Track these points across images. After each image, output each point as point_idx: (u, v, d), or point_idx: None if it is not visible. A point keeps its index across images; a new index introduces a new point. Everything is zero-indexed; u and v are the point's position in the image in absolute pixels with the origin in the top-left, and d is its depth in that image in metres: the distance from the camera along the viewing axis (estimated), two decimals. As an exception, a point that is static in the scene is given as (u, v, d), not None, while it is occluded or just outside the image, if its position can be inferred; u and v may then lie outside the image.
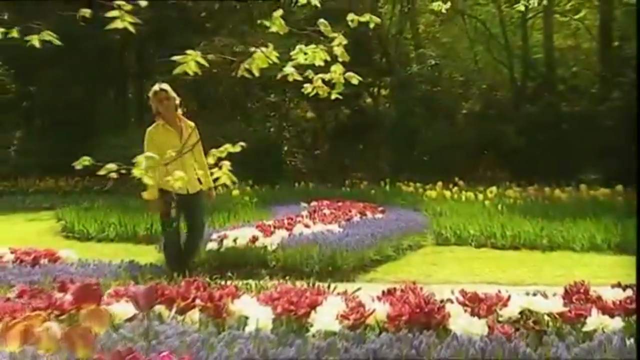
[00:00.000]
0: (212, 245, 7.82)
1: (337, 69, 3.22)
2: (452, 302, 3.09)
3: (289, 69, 3.16)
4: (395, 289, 3.33)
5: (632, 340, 2.57)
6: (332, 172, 20.15)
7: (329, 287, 4.11)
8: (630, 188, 12.09)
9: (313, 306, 3.03)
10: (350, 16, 3.31)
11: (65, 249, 6.62)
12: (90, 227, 10.98)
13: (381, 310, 2.96)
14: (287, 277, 6.52)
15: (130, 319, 3.07)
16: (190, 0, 19.25)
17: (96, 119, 20.93)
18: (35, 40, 3.36)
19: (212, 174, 3.53)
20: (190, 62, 3.18)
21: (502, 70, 21.33)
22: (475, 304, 3.03)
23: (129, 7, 3.02)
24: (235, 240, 7.86)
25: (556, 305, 2.88)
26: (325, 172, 20.38)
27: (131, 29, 3.02)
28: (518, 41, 21.69)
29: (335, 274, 7.18)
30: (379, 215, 10.20)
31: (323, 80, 3.53)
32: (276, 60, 3.20)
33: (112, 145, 17.89)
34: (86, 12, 3.30)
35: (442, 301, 3.08)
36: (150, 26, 20.22)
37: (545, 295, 3.34)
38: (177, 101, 6.82)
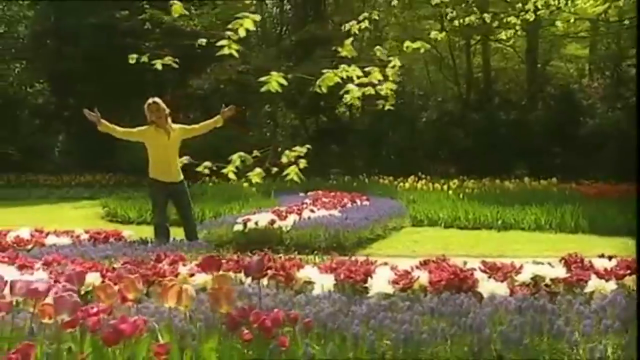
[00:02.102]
0: (238, 227, 7.82)
1: (388, 86, 3.27)
2: (474, 270, 3.16)
3: (352, 86, 3.21)
4: (428, 260, 3.40)
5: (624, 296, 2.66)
6: (316, 169, 20.18)
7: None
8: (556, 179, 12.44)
9: (368, 274, 3.08)
10: (407, 43, 3.37)
11: (126, 230, 6.57)
12: (131, 212, 10.92)
13: (422, 277, 3.03)
14: (300, 253, 6.60)
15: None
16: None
17: (123, 125, 20.69)
18: (158, 64, 3.36)
19: (284, 170, 3.60)
20: (273, 81, 3.23)
21: (451, 87, 21.54)
22: (494, 271, 3.11)
23: (236, 37, 3.04)
24: (256, 223, 7.87)
25: (560, 272, 2.98)
26: (311, 169, 20.43)
27: (236, 54, 3.05)
28: (463, 63, 21.90)
29: (339, 250, 7.25)
30: (366, 203, 10.27)
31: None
32: (338, 79, 3.27)
33: (137, 146, 17.76)
34: (202, 41, 3.31)
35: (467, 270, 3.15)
36: (167, 50, 20.17)
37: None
38: (167, 112, 7.03)
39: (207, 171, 3.42)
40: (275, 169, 3.80)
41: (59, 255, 3.73)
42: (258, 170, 3.41)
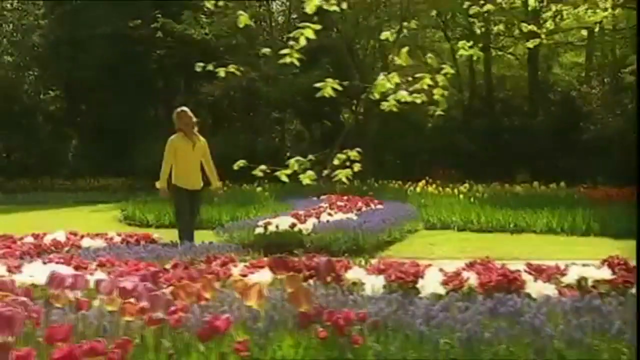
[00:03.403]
0: (259, 230, 7.86)
1: (438, 92, 3.32)
2: (520, 272, 3.20)
3: (403, 92, 3.25)
4: (474, 262, 3.43)
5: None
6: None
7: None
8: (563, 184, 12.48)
9: (418, 275, 3.12)
10: (461, 52, 3.42)
11: (155, 233, 6.60)
12: (149, 216, 10.95)
13: (471, 278, 3.06)
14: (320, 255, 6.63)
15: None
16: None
17: (134, 131, 20.77)
18: (221, 72, 3.40)
19: (335, 171, 3.64)
20: (328, 87, 3.28)
21: (455, 93, 21.59)
22: (539, 273, 3.15)
23: (299, 46, 3.09)
24: (277, 226, 7.90)
25: (605, 273, 3.01)
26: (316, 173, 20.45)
27: (297, 62, 3.10)
28: (465, 70, 21.97)
29: (358, 252, 7.28)
30: (379, 206, 10.29)
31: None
32: (390, 86, 3.32)
33: (148, 151, 17.80)
34: (266, 50, 3.35)
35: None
36: (178, 58, 20.22)
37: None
38: (195, 120, 7.10)
39: (261, 174, 3.46)
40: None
41: (111, 257, 3.76)
42: (310, 172, 3.45)
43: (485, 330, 2.41)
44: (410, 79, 3.38)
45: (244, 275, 3.23)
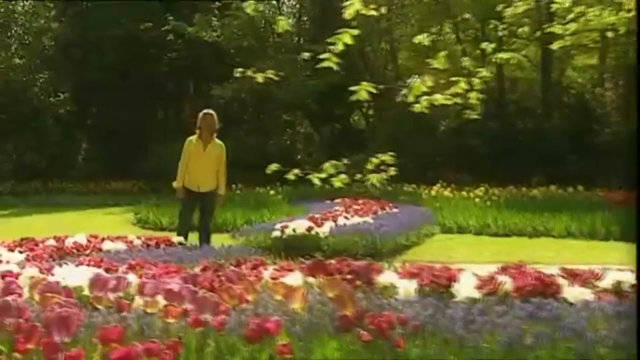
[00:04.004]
0: (276, 234, 7.89)
1: (474, 95, 3.34)
2: (554, 276, 3.20)
3: (438, 96, 3.28)
4: (507, 266, 3.44)
5: None
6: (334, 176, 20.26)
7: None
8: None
9: (452, 279, 3.13)
10: (499, 55, 3.44)
11: (177, 237, 6.64)
12: (163, 218, 11.01)
13: (506, 283, 3.07)
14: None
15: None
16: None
17: (144, 133, 20.89)
18: (259, 77, 3.43)
19: (366, 176, 3.67)
20: (362, 91, 3.31)
21: (467, 96, 21.55)
22: (573, 277, 3.15)
23: (338, 50, 3.11)
24: (294, 230, 7.92)
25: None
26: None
27: (335, 67, 3.13)
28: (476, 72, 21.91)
29: (376, 256, 7.30)
30: (395, 210, 10.32)
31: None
32: (425, 89, 3.34)
33: (158, 154, 17.91)
34: (306, 55, 3.38)
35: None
36: (189, 60, 20.33)
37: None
38: (216, 125, 7.23)
39: (293, 177, 3.49)
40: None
41: (141, 260, 3.80)
42: (343, 176, 3.47)
43: (526, 335, 2.42)
44: (442, 81, 3.40)
45: (275, 279, 3.25)
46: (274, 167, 3.55)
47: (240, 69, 3.65)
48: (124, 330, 1.84)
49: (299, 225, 8.02)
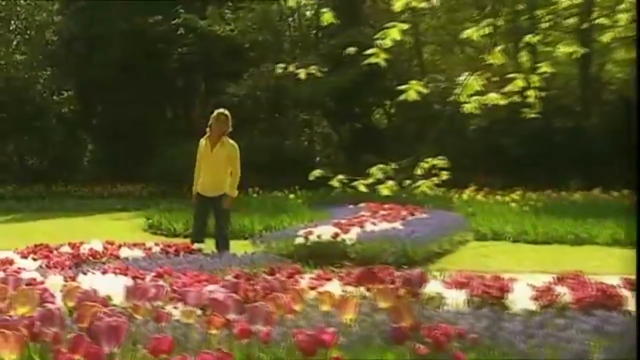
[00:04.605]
0: (299, 240, 7.91)
1: (532, 93, 3.34)
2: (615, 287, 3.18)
3: (493, 95, 3.28)
4: (563, 276, 3.43)
5: None
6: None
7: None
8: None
9: (504, 289, 3.12)
10: (561, 48, 3.44)
11: (197, 243, 6.70)
12: (177, 224, 11.08)
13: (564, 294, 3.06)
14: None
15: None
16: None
17: (153, 133, 21.03)
18: (302, 73, 3.46)
19: (417, 181, 3.68)
20: (412, 90, 3.32)
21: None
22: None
23: (387, 45, 3.12)
24: (319, 236, 7.94)
25: None
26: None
27: (383, 63, 3.14)
28: (508, 67, 21.81)
29: (407, 265, 7.28)
30: (425, 215, 10.28)
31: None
32: (478, 87, 3.34)
33: (168, 156, 18.04)
34: (351, 50, 3.40)
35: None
36: (200, 56, 20.46)
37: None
38: (228, 127, 7.22)
39: (337, 184, 3.50)
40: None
41: (169, 268, 3.84)
42: (390, 183, 3.48)
43: (593, 350, 2.41)
44: (495, 79, 3.40)
45: (314, 288, 3.27)
46: (317, 172, 3.56)
47: (282, 65, 3.67)
48: (174, 341, 1.87)
49: (324, 232, 8.05)
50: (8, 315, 2.06)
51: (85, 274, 3.46)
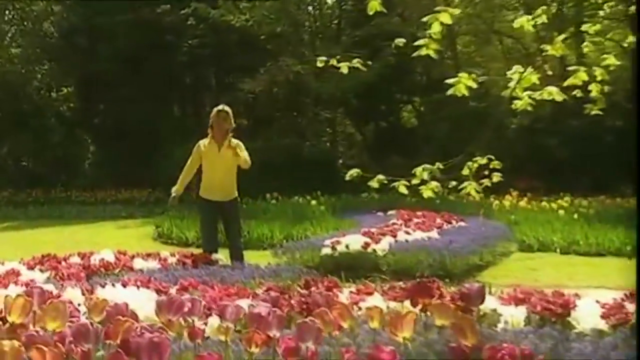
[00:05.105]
0: (326, 251, 7.91)
1: (596, 88, 3.33)
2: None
3: (552, 88, 3.27)
4: (631, 293, 3.40)
5: None
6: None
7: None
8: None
9: (568, 306, 3.10)
10: (629, 38, 3.43)
11: (216, 254, 6.74)
12: (189, 233, 11.16)
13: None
14: (399, 280, 6.64)
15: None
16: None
17: (160, 133, 21.16)
18: (344, 68, 3.48)
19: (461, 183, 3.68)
20: (461, 85, 3.32)
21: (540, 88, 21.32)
22: None
23: (438, 35, 3.12)
24: (347, 246, 7.94)
25: None
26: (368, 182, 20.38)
27: (434, 55, 3.14)
28: (552, 59, 21.68)
29: (445, 278, 7.25)
30: (462, 224, 10.26)
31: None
32: (536, 81, 3.34)
33: (177, 158, 18.09)
34: (401, 41, 3.42)
35: None
36: (211, 49, 20.55)
37: None
38: (231, 125, 7.17)
39: (376, 184, 3.52)
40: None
41: (194, 281, 3.87)
42: (434, 183, 3.49)
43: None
44: (550, 73, 3.39)
45: (355, 303, 3.28)
46: (354, 172, 3.57)
47: (323, 58, 3.69)
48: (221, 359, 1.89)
49: (353, 241, 8.04)
50: (34, 331, 2.08)
51: (103, 286, 3.49)
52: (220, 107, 7.33)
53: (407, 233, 8.66)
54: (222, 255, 6.89)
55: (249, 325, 2.24)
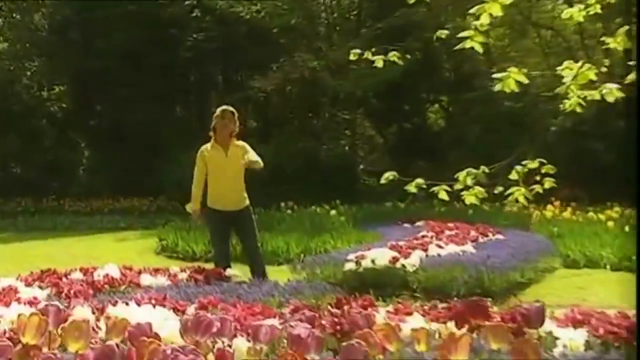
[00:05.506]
0: (350, 266, 7.91)
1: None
2: None
3: (611, 85, 3.27)
4: None
5: None
6: (397, 190, 20.13)
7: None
8: None
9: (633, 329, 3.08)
10: None
11: (230, 269, 6.76)
12: (196, 246, 11.19)
13: None
14: (431, 298, 6.62)
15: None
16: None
17: (161, 136, 21.24)
18: (379, 62, 3.48)
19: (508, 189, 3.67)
20: (511, 80, 3.31)
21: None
22: None
23: (484, 27, 3.13)
24: (373, 261, 7.93)
25: None
26: (392, 190, 20.31)
27: (479, 49, 3.14)
28: (599, 54, 21.58)
29: (484, 297, 7.21)
30: (500, 237, 10.23)
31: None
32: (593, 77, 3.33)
33: (180, 163, 18.14)
34: (443, 32, 3.42)
35: None
36: (218, 43, 20.60)
37: None
38: (236, 128, 7.21)
39: (414, 189, 3.52)
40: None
41: (215, 299, 3.89)
42: (478, 189, 3.49)
43: None
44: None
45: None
46: (389, 175, 3.57)
47: (357, 50, 3.69)
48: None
49: (379, 256, 8.04)
50: (52, 353, 2.09)
51: (114, 304, 3.51)
52: (224, 107, 7.39)
53: (439, 247, 8.66)
54: (238, 271, 6.91)
55: (290, 346, 2.24)
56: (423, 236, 9.59)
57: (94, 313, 3.39)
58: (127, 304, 3.49)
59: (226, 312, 3.50)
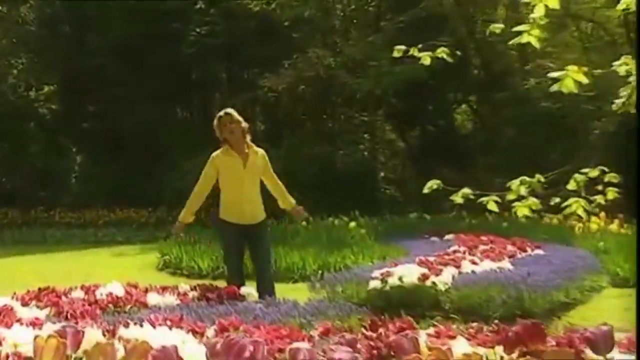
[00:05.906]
0: (374, 284, 7.91)
1: None
2: None
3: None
4: None
5: None
6: (420, 200, 20.06)
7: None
8: None
9: None
10: None
11: (244, 287, 6.77)
12: (202, 262, 11.22)
13: None
14: (466, 321, 6.60)
15: None
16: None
17: (161, 140, 21.29)
18: (425, 59, 3.50)
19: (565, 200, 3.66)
20: (569, 79, 3.31)
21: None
22: None
23: (542, 19, 3.13)
24: (400, 279, 7.92)
25: None
26: (414, 200, 20.25)
27: (536, 44, 3.15)
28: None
29: (524, 318, 7.18)
30: (539, 252, 10.21)
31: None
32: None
33: (182, 169, 18.21)
34: (497, 27, 3.43)
35: None
36: (224, 38, 20.64)
37: None
38: (245, 126, 7.12)
39: (460, 200, 3.52)
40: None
41: (236, 320, 3.90)
42: (532, 200, 3.49)
43: None
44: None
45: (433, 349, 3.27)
46: (433, 184, 3.58)
47: (400, 46, 3.71)
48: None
49: (407, 273, 8.03)
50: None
51: (126, 326, 3.53)
52: (220, 112, 7.23)
53: (473, 263, 8.65)
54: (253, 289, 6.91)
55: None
56: (454, 251, 9.60)
57: (104, 335, 3.41)
58: (141, 325, 3.51)
59: (250, 335, 3.51)
